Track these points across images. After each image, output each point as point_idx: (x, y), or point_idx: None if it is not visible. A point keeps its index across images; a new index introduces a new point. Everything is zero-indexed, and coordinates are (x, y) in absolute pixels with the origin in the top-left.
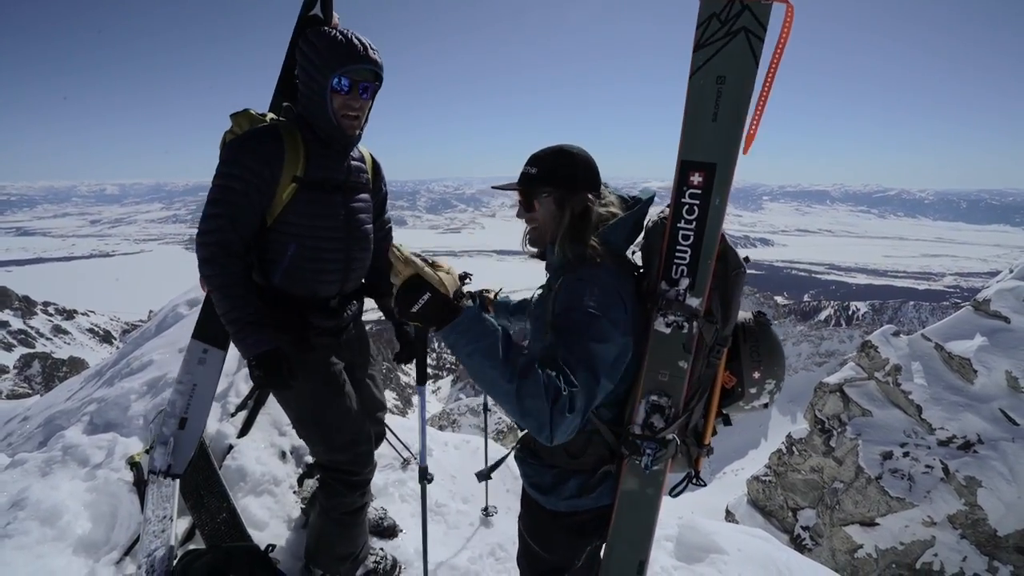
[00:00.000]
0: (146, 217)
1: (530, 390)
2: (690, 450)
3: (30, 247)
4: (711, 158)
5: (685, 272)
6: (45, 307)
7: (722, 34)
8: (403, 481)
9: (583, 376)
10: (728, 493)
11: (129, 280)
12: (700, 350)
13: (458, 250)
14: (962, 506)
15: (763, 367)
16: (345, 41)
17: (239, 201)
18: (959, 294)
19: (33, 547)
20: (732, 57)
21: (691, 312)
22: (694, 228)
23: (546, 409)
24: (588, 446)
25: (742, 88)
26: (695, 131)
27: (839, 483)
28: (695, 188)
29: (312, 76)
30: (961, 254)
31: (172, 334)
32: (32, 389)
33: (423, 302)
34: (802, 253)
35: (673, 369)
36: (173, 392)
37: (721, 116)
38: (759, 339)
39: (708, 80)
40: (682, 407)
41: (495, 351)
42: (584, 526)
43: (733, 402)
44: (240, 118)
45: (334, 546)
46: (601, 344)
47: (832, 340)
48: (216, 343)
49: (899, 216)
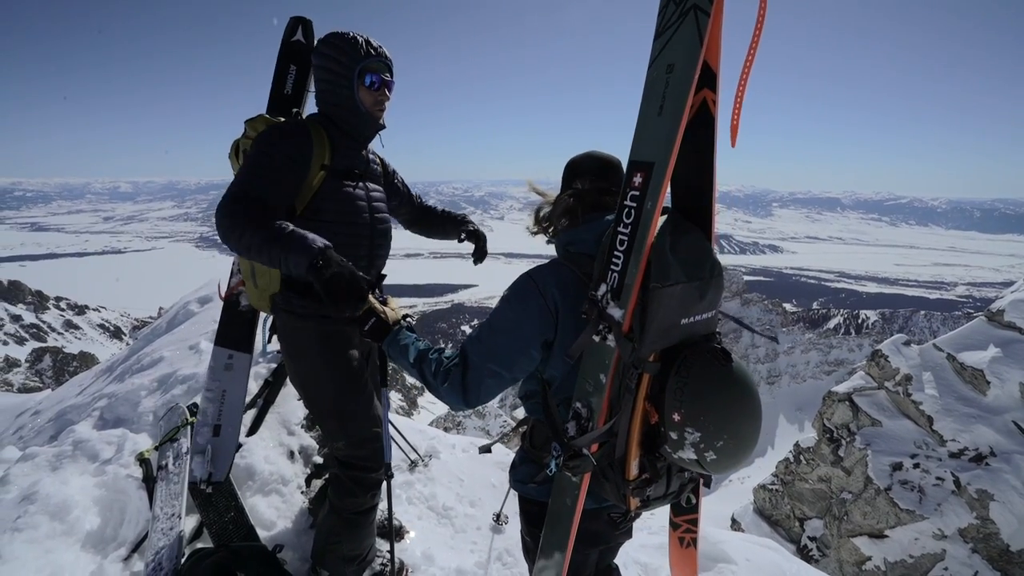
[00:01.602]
0: (158, 215)
1: (425, 369)
2: (615, 482)
3: (44, 242)
4: (651, 157)
5: (615, 280)
6: (57, 302)
7: (675, 17)
8: (410, 483)
9: (471, 355)
10: (734, 501)
11: (140, 277)
12: (618, 367)
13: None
14: (974, 520)
15: (684, 412)
16: (362, 41)
17: (273, 169)
18: (972, 304)
19: (42, 541)
20: (681, 41)
21: (609, 321)
22: (628, 233)
23: (431, 379)
24: (548, 440)
25: (687, 74)
26: (643, 128)
27: (847, 493)
28: (635, 190)
29: (338, 74)
30: (974, 263)
31: (183, 331)
32: (43, 383)
33: (370, 324)
34: (811, 260)
35: (594, 381)
36: (203, 401)
37: (666, 109)
38: (691, 376)
39: (660, 71)
40: (599, 424)
41: (406, 356)
42: (531, 516)
43: (660, 445)
44: (256, 122)
45: (341, 547)
46: (493, 329)
47: (841, 348)
48: (240, 347)
49: (911, 224)
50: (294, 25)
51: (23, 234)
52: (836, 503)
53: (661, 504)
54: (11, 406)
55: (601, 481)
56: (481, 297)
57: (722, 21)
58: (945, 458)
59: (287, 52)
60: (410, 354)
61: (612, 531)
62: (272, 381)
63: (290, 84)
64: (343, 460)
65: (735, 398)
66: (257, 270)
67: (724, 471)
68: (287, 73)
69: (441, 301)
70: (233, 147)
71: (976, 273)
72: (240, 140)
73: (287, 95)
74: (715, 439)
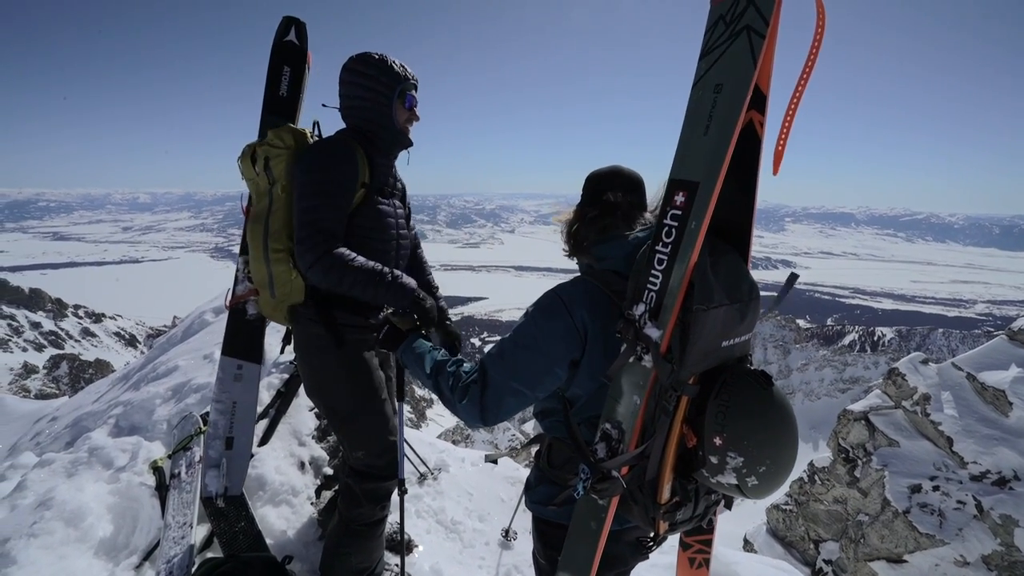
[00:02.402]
0: (175, 225)
1: (442, 384)
2: (646, 505)
3: (65, 251)
4: (695, 176)
5: (653, 299)
6: (76, 310)
7: (726, 36)
8: (419, 496)
9: (493, 372)
10: (747, 521)
11: (156, 286)
12: (654, 389)
13: (476, 264)
14: (998, 546)
15: (726, 435)
16: (397, 64)
17: (338, 196)
18: (992, 322)
19: (57, 547)
20: (732, 61)
21: (646, 342)
22: (668, 252)
23: (448, 394)
24: (569, 461)
25: (738, 95)
26: (686, 146)
27: (864, 516)
28: (676, 209)
29: (379, 92)
30: (994, 281)
31: (198, 340)
32: (59, 390)
33: (384, 332)
34: (825, 276)
35: (627, 402)
36: (213, 413)
37: (712, 129)
38: (732, 399)
39: (707, 90)
40: (631, 446)
41: (422, 365)
42: (547, 537)
43: (697, 468)
44: (283, 133)
45: (351, 559)
46: (517, 346)
47: (856, 366)
48: (250, 357)
49: (927, 240)
50: (286, 25)
51: (45, 243)
52: (852, 525)
53: (687, 527)
54: (29, 412)
55: (629, 504)
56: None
57: (776, 43)
58: (966, 481)
59: (280, 53)
60: (426, 364)
61: (634, 554)
62: (284, 392)
63: (285, 86)
64: (360, 470)
65: (777, 422)
66: (277, 280)
67: (763, 496)
68: (281, 74)
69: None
70: (248, 152)
71: (996, 291)
72: (260, 147)
73: (283, 97)
74: (758, 464)
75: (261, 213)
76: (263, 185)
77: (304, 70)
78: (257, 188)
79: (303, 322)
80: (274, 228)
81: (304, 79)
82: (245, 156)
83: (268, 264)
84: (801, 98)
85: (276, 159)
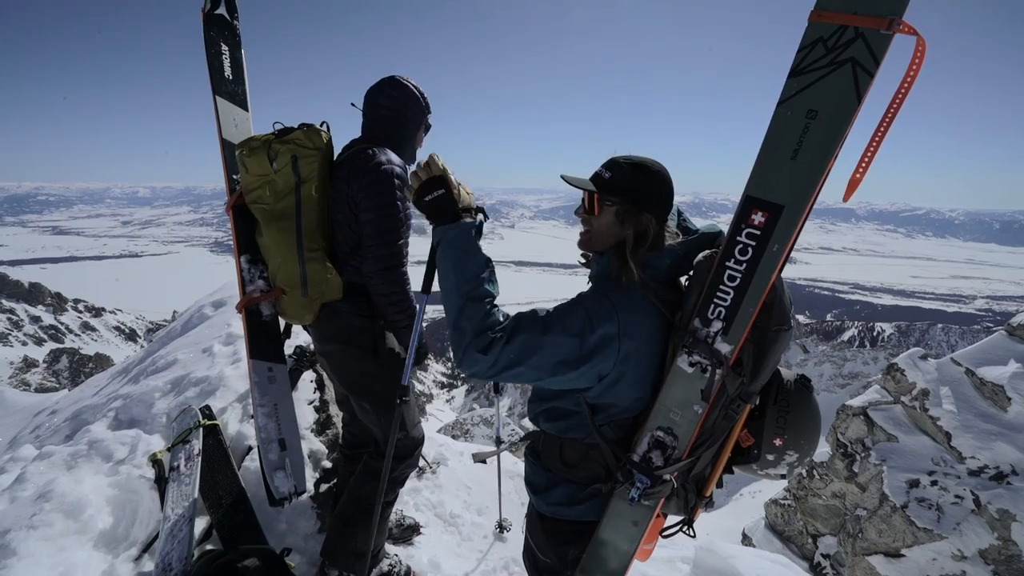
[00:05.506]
0: (175, 219)
1: (470, 313)
2: (688, 497)
3: (64, 246)
4: (780, 199)
5: (723, 315)
6: (75, 304)
7: (825, 62)
8: (418, 490)
9: (523, 338)
10: (745, 516)
11: (155, 280)
12: (719, 399)
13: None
14: (995, 540)
15: (787, 437)
16: (425, 94)
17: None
18: (991, 318)
19: (56, 539)
20: (831, 91)
21: (718, 357)
22: (743, 270)
23: (469, 335)
24: (585, 459)
25: (836, 128)
26: (769, 166)
27: (862, 510)
28: (754, 228)
29: (414, 117)
30: (994, 276)
31: (197, 334)
32: (59, 383)
33: (437, 194)
34: (825, 271)
35: (686, 410)
36: (261, 418)
37: (803, 155)
38: (791, 405)
39: (797, 112)
40: (686, 452)
41: (468, 265)
42: (566, 535)
43: (746, 462)
44: (314, 135)
45: (356, 539)
46: (556, 330)
47: (855, 361)
48: (277, 358)
49: (927, 236)
50: None
51: (44, 237)
52: (851, 520)
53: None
54: (29, 405)
55: (671, 497)
56: None
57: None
58: (964, 476)
59: (212, 28)
60: (470, 268)
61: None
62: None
63: (228, 67)
64: (398, 452)
65: (819, 422)
66: (311, 279)
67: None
68: (220, 54)
69: None
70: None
71: (996, 286)
72: (283, 145)
73: (229, 79)
74: (806, 456)
75: (286, 212)
76: (282, 183)
77: (240, 46)
78: (274, 186)
79: (343, 316)
80: (308, 228)
81: (242, 55)
82: (257, 152)
83: (303, 264)
84: (888, 130)
85: (307, 159)
